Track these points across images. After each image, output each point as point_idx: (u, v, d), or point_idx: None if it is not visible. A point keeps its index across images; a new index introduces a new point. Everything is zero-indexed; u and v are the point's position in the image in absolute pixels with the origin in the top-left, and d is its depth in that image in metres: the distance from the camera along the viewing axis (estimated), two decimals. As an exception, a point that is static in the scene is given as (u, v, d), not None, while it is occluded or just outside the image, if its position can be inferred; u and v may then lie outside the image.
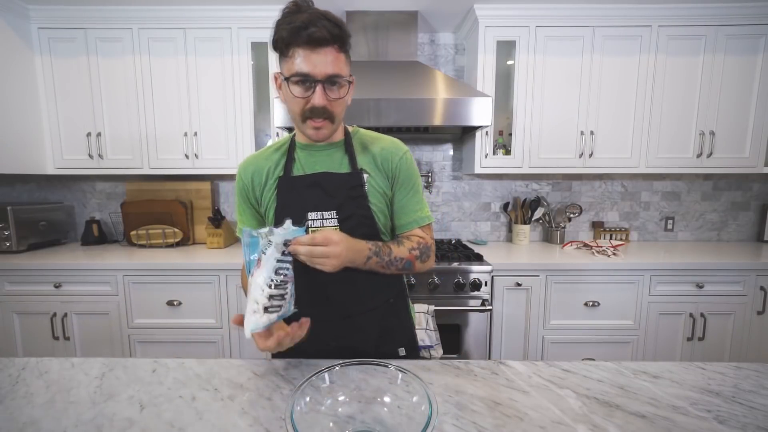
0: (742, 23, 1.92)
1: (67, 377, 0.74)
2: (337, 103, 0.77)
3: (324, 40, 0.70)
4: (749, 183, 2.35)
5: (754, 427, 0.59)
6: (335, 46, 0.73)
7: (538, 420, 0.62)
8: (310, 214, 0.82)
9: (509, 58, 2.02)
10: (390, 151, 0.87)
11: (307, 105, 0.75)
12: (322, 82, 0.73)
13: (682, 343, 1.84)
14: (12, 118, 1.89)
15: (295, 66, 0.72)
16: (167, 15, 1.94)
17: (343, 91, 0.77)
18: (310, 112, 0.75)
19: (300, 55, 0.71)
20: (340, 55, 0.74)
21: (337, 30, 0.71)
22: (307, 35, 0.69)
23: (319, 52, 0.71)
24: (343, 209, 0.82)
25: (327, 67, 0.72)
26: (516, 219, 2.31)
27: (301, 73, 0.72)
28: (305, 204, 0.83)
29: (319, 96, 0.73)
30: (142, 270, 1.80)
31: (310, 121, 0.77)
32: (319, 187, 0.83)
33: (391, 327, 0.93)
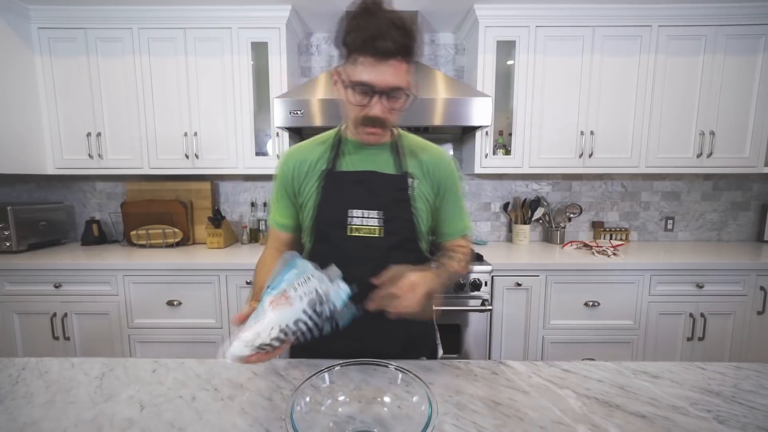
0: (742, 23, 1.92)
1: (67, 377, 0.74)
2: (394, 114, 0.76)
3: (389, 53, 0.68)
4: (749, 183, 2.35)
5: (754, 427, 0.59)
6: (400, 58, 0.70)
7: (538, 420, 0.62)
8: (353, 211, 0.81)
9: (509, 58, 2.02)
10: (439, 159, 0.87)
11: (363, 112, 0.74)
12: (381, 93, 0.71)
13: (682, 343, 1.84)
14: (12, 118, 1.89)
15: (357, 74, 0.70)
16: (167, 15, 1.94)
17: (402, 103, 0.75)
18: (365, 119, 0.75)
19: (363, 62, 0.69)
20: (403, 66, 0.71)
21: (405, 40, 0.69)
22: (374, 48, 0.67)
23: (383, 64, 0.69)
24: (387, 210, 0.82)
25: (389, 79, 0.70)
26: (516, 219, 2.31)
27: (362, 82, 0.70)
28: (348, 200, 0.81)
29: (377, 107, 0.72)
30: (142, 270, 1.80)
31: (364, 127, 0.77)
32: (365, 185, 0.82)
33: (417, 336, 0.92)
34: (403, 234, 0.83)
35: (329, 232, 0.83)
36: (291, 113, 1.74)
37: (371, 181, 0.82)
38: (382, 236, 0.81)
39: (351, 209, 0.81)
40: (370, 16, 0.68)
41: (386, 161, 0.85)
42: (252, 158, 2.05)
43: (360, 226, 0.81)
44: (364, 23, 0.68)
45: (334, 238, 0.82)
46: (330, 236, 0.82)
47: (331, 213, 0.82)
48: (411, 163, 0.85)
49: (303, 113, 1.74)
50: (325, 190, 0.82)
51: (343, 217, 0.81)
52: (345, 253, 0.81)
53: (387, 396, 0.62)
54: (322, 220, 0.83)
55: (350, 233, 0.81)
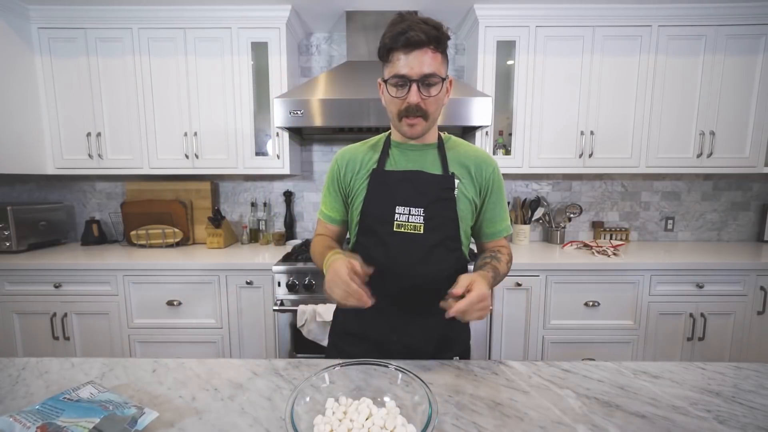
0: (742, 23, 1.92)
1: (67, 377, 0.74)
2: (432, 102, 0.80)
3: (420, 42, 0.74)
4: (749, 183, 2.35)
5: (754, 427, 0.59)
6: (431, 47, 0.76)
7: (538, 420, 0.61)
8: (398, 207, 0.85)
9: (509, 58, 2.02)
10: (484, 161, 0.91)
11: (403, 104, 0.79)
12: (417, 81, 0.77)
13: (682, 343, 1.84)
14: (12, 118, 1.89)
15: (394, 68, 0.78)
16: (167, 15, 1.94)
17: (437, 90, 0.79)
18: (405, 111, 0.80)
19: (398, 58, 0.77)
20: (436, 54, 0.77)
21: (434, 32, 0.75)
22: (405, 39, 0.74)
23: (415, 53, 0.75)
24: (430, 208, 0.85)
25: (422, 67, 0.76)
26: (516, 219, 2.30)
27: (398, 74, 0.77)
28: (395, 197, 0.86)
29: (414, 94, 0.77)
30: (142, 270, 1.80)
31: (405, 119, 0.81)
32: (410, 183, 0.86)
33: (452, 334, 0.93)
34: (445, 232, 0.86)
35: (375, 227, 0.87)
36: (291, 113, 1.74)
37: (417, 179, 0.86)
38: (422, 233, 0.85)
39: (397, 206, 0.85)
40: (402, 21, 0.77)
41: (432, 162, 0.89)
42: (252, 158, 2.05)
43: (405, 223, 0.85)
44: (397, 25, 0.76)
45: (380, 233, 0.86)
46: (376, 230, 0.87)
47: (378, 209, 0.87)
48: (455, 164, 0.90)
49: (303, 113, 1.74)
50: (373, 187, 0.88)
51: (390, 213, 0.85)
52: (390, 246, 0.86)
53: (387, 396, 0.62)
54: (370, 215, 0.88)
55: (396, 229, 0.85)
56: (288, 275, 1.71)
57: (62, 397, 0.61)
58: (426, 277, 0.86)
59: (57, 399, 0.60)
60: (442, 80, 0.80)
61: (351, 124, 1.74)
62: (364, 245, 0.90)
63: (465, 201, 0.88)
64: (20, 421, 0.53)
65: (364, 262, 0.80)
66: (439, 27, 0.77)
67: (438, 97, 0.80)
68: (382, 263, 0.83)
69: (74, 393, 0.62)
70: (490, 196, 0.91)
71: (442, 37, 0.77)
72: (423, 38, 0.74)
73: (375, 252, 0.87)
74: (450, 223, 0.87)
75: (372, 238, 0.88)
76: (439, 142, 0.92)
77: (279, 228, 2.41)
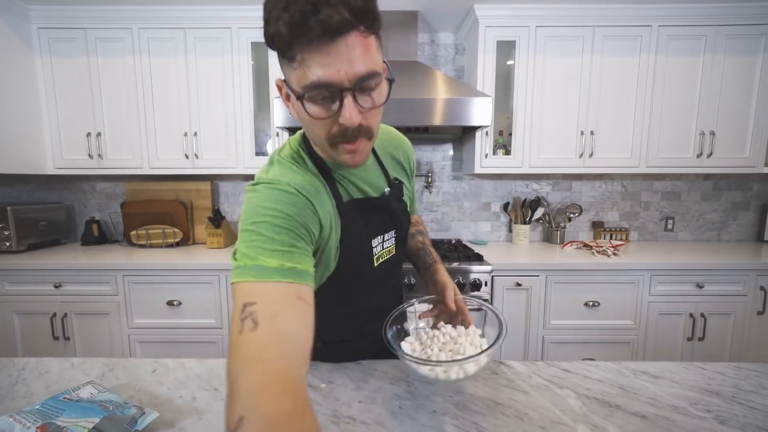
0: (742, 23, 1.92)
1: (67, 377, 0.74)
2: (375, 113, 0.55)
3: (344, 23, 0.45)
4: (749, 183, 2.35)
5: (754, 427, 0.59)
6: (360, 29, 0.47)
7: (538, 420, 0.61)
8: (374, 240, 0.72)
9: (509, 58, 2.02)
10: (404, 147, 0.82)
11: (335, 127, 0.53)
12: (351, 89, 0.49)
13: (682, 343, 1.84)
14: (12, 118, 1.89)
15: (309, 74, 0.48)
16: (167, 15, 1.94)
17: (380, 94, 0.54)
18: (341, 135, 0.54)
19: (312, 56, 0.47)
20: (369, 39, 0.49)
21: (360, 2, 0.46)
22: (319, 24, 0.44)
23: (339, 44, 0.46)
24: (399, 227, 0.77)
25: (355, 64, 0.48)
26: (516, 219, 2.30)
27: (318, 83, 0.48)
28: (370, 230, 0.71)
29: (351, 112, 0.50)
30: (142, 270, 1.80)
31: (343, 145, 0.55)
32: (382, 210, 0.73)
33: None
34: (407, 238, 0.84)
35: (355, 270, 0.71)
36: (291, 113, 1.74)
37: (385, 204, 0.73)
38: (394, 253, 0.78)
39: (372, 239, 0.71)
40: None
41: (377, 176, 0.74)
42: (252, 158, 2.05)
43: (381, 252, 0.74)
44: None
45: (362, 273, 0.72)
46: (356, 273, 0.71)
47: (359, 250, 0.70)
48: (389, 165, 0.78)
49: (303, 113, 1.74)
50: (346, 227, 0.66)
51: (368, 250, 0.71)
52: (371, 283, 0.76)
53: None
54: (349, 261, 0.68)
55: (376, 263, 0.73)
56: (288, 275, 1.71)
57: (62, 397, 0.61)
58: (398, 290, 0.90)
59: (57, 399, 0.60)
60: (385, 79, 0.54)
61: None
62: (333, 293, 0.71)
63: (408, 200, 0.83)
64: (20, 421, 0.53)
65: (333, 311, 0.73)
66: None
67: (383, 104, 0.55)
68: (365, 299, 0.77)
69: (74, 393, 0.62)
70: (412, 177, 0.86)
71: (372, 9, 0.48)
72: (348, 17, 0.45)
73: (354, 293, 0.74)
74: (407, 229, 0.83)
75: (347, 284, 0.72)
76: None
77: (279, 228, 2.40)
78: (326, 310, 0.66)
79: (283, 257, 0.51)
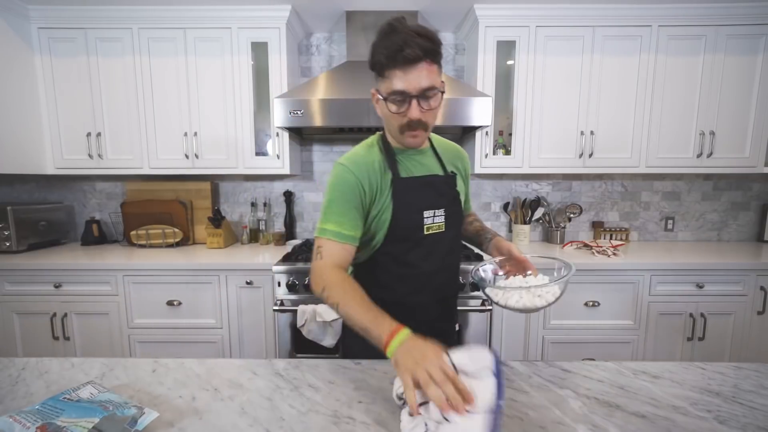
0: (742, 23, 1.92)
1: (67, 377, 0.74)
2: (431, 114, 0.83)
3: (417, 57, 0.75)
4: (749, 183, 2.35)
5: (754, 427, 0.59)
6: (427, 60, 0.77)
7: (538, 420, 0.61)
8: (426, 212, 0.90)
9: (509, 58, 2.02)
10: (460, 155, 1.05)
11: (404, 119, 0.81)
12: (417, 96, 0.78)
13: (682, 343, 1.84)
14: (12, 118, 1.89)
15: (393, 85, 0.78)
16: (167, 15, 1.94)
17: (436, 102, 0.82)
18: (408, 126, 0.82)
19: (396, 75, 0.77)
20: (432, 67, 0.79)
21: (429, 45, 0.76)
22: (402, 57, 0.75)
23: (413, 69, 0.76)
24: (448, 208, 0.94)
25: (421, 81, 0.77)
26: (516, 219, 2.30)
27: (397, 91, 0.78)
28: (422, 203, 0.90)
29: (415, 110, 0.79)
30: (142, 270, 1.80)
31: (408, 132, 0.84)
32: (431, 188, 0.92)
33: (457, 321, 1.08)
34: (457, 224, 0.98)
35: (407, 234, 0.90)
36: (291, 113, 1.74)
37: (435, 183, 0.93)
38: (444, 230, 0.93)
39: (424, 210, 0.90)
40: (394, 32, 0.77)
41: (434, 164, 0.96)
42: (252, 158, 2.05)
43: (431, 225, 0.91)
44: (391, 40, 0.76)
45: (413, 238, 0.91)
46: (408, 237, 0.91)
47: (409, 216, 0.89)
48: (448, 163, 0.99)
49: (303, 113, 1.74)
50: (398, 197, 0.88)
51: (419, 218, 0.89)
52: (424, 248, 0.92)
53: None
54: (401, 225, 0.89)
55: (426, 232, 0.91)
56: (288, 275, 1.71)
57: (62, 397, 0.61)
58: (453, 264, 1.00)
59: (57, 399, 0.60)
60: (441, 92, 0.82)
61: (351, 124, 1.74)
62: (392, 254, 0.92)
63: (461, 195, 1.00)
64: (20, 421, 0.53)
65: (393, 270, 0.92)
66: (433, 38, 0.77)
67: (437, 108, 0.84)
68: (417, 264, 0.91)
69: (74, 393, 0.62)
70: (467, 181, 1.08)
71: (437, 49, 0.78)
72: (419, 53, 0.75)
73: (409, 257, 0.91)
74: (458, 217, 0.98)
75: (404, 244, 0.91)
76: (431, 144, 0.99)
77: (279, 228, 2.41)
78: (385, 269, 0.92)
79: (336, 224, 0.84)
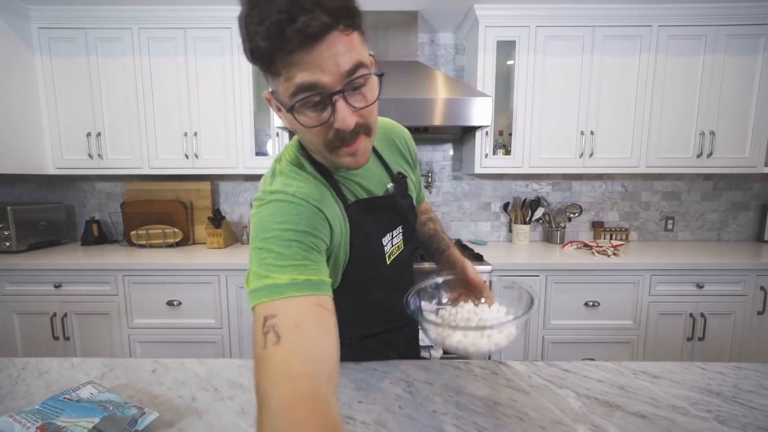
0: (742, 23, 1.92)
1: (67, 377, 0.74)
2: (369, 111, 0.53)
3: (324, 28, 0.44)
4: (749, 183, 2.35)
5: (755, 427, 0.59)
6: (340, 28, 0.46)
7: (538, 420, 0.61)
8: (384, 239, 0.72)
9: (509, 58, 2.02)
10: (404, 136, 0.80)
11: (330, 132, 0.52)
12: (341, 91, 0.48)
13: (682, 343, 1.84)
14: (12, 118, 1.89)
15: (293, 80, 0.47)
16: (167, 15, 1.94)
17: (372, 90, 0.52)
18: (338, 139, 0.52)
19: (294, 65, 0.46)
20: (351, 36, 0.48)
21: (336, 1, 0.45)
22: (297, 33, 0.43)
23: (320, 47, 0.45)
24: (406, 222, 0.76)
25: (339, 62, 0.47)
26: (516, 219, 2.30)
27: (304, 86, 0.47)
28: (379, 230, 0.71)
29: (345, 114, 0.49)
30: (142, 270, 1.80)
31: (343, 148, 0.54)
32: (387, 208, 0.72)
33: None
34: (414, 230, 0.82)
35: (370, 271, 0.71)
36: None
37: (393, 201, 0.72)
38: (403, 248, 0.78)
39: (382, 238, 0.71)
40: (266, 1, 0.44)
41: (378, 170, 0.72)
42: (252, 158, 2.05)
43: (392, 250, 0.74)
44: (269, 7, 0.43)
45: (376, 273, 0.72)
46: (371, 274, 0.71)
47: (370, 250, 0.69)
48: (390, 159, 0.75)
49: (303, 113, 1.74)
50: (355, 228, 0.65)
51: (380, 249, 0.71)
52: (387, 280, 0.74)
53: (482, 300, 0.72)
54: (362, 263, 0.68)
55: (388, 261, 0.73)
56: (288, 275, 1.71)
57: (62, 397, 0.61)
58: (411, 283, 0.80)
59: (57, 399, 0.60)
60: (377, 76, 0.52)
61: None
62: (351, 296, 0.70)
63: (413, 194, 0.80)
64: (20, 421, 0.53)
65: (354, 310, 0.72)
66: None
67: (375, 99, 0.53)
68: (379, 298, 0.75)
69: (74, 393, 0.62)
70: (414, 166, 0.82)
71: (350, 5, 0.47)
72: (326, 20, 0.44)
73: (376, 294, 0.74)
74: (414, 223, 0.80)
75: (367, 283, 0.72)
76: None
77: (279, 228, 2.40)
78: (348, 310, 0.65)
79: (295, 271, 0.49)
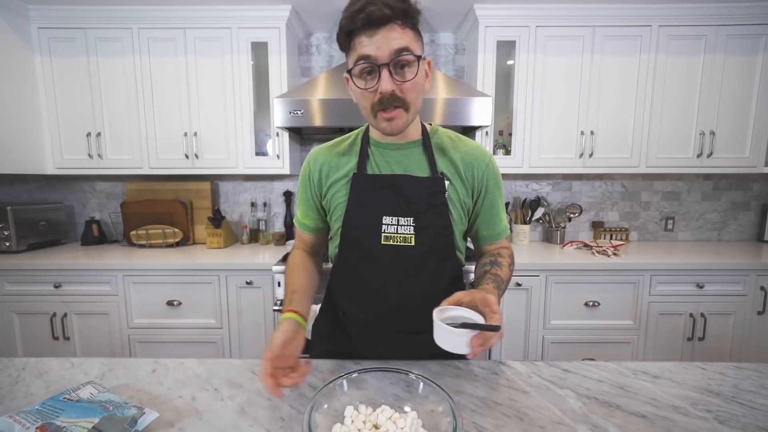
0: (742, 23, 1.92)
1: (67, 377, 0.74)
2: (409, 87, 0.67)
3: (384, 17, 0.62)
4: (749, 183, 2.35)
5: (755, 427, 0.59)
6: (398, 22, 0.64)
7: (538, 420, 0.61)
8: (385, 218, 0.75)
9: (509, 58, 2.02)
10: (475, 157, 0.79)
11: (376, 96, 0.66)
12: (387, 64, 0.64)
13: (682, 343, 1.84)
14: (12, 118, 1.89)
15: (356, 53, 0.65)
16: (167, 15, 1.94)
17: (413, 72, 0.66)
18: (380, 104, 0.67)
19: (360, 42, 0.64)
20: (406, 30, 0.65)
21: (400, 3, 0.63)
22: (365, 16, 0.62)
23: (380, 31, 0.63)
24: (421, 217, 0.75)
25: (390, 43, 0.63)
26: (516, 219, 2.30)
27: (362, 56, 0.64)
28: (380, 207, 0.76)
29: (386, 81, 0.64)
30: (142, 270, 1.80)
31: (381, 113, 0.68)
32: (397, 190, 0.76)
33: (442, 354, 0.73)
34: (439, 242, 0.77)
35: (361, 240, 0.77)
36: (291, 113, 1.74)
37: (404, 185, 0.75)
38: (413, 245, 0.75)
39: (384, 216, 0.75)
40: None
41: (418, 162, 0.78)
42: (252, 158, 2.05)
43: (393, 235, 0.75)
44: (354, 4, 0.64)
45: (367, 246, 0.77)
46: (362, 244, 0.77)
47: (362, 220, 0.76)
48: (442, 163, 0.79)
49: (303, 113, 1.74)
50: (355, 195, 0.76)
51: (376, 224, 0.75)
52: (378, 261, 0.77)
53: (407, 405, 0.60)
54: (353, 227, 0.77)
55: (384, 242, 0.75)
56: (288, 275, 1.71)
57: (62, 397, 0.61)
58: (418, 292, 0.78)
59: (57, 399, 0.60)
60: (417, 59, 0.66)
61: (351, 124, 1.74)
62: (348, 260, 0.80)
63: (456, 205, 0.78)
64: (20, 421, 0.53)
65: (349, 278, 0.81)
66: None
67: (416, 82, 0.67)
68: (370, 279, 0.77)
69: (74, 393, 0.62)
70: (484, 197, 0.80)
71: (410, 10, 0.65)
72: (387, 13, 0.62)
73: (361, 267, 0.78)
74: (443, 231, 0.77)
75: (357, 252, 0.78)
76: (423, 137, 0.80)
77: (279, 228, 2.41)
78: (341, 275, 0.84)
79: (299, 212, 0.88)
